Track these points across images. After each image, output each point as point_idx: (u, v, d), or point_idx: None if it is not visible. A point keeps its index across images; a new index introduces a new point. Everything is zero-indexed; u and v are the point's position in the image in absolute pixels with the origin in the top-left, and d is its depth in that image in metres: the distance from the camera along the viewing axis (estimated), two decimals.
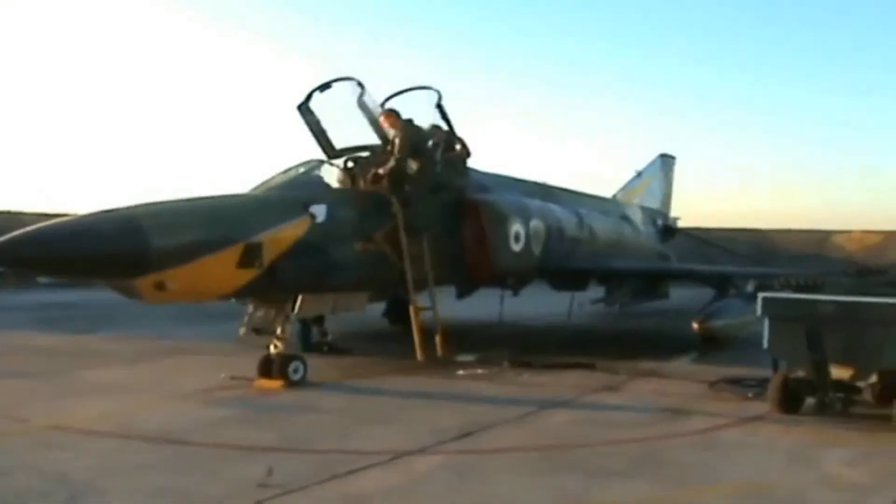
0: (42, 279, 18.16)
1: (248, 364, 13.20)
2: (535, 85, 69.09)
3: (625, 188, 26.82)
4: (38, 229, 10.75)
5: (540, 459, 8.94)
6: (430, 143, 15.31)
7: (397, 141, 14.41)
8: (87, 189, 48.41)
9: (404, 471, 8.39)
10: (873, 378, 10.80)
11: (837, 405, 10.94)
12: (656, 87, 67.47)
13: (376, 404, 11.86)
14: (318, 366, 14.08)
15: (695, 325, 16.10)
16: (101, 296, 12.56)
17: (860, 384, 10.94)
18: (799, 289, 11.83)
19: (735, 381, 12.95)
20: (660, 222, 26.83)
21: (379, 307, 18.89)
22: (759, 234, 38.31)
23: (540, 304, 21.28)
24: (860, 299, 10.85)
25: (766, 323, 11.32)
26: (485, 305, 19.66)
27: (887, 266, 14.16)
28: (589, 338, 19.46)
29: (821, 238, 37.84)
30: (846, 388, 11.00)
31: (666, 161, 28.91)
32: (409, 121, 14.83)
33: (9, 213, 32.23)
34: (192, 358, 15.37)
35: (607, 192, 26.10)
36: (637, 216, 24.60)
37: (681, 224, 31.02)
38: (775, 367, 11.56)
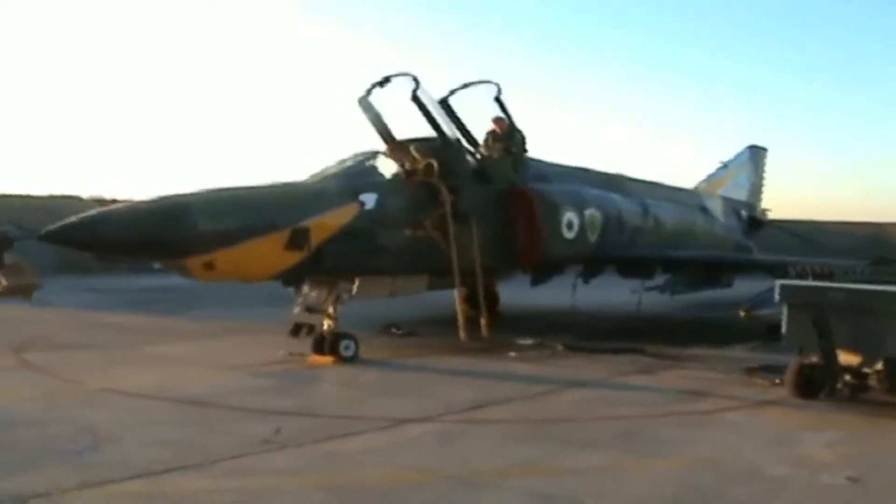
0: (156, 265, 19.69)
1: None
2: (627, 77, 69.16)
3: (709, 179, 27.26)
4: (99, 213, 12.39)
5: (527, 430, 9.96)
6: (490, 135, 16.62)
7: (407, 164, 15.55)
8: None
9: (395, 435, 9.56)
10: (879, 365, 11.35)
11: (845, 391, 11.57)
12: (757, 81, 66.82)
13: (409, 379, 13.07)
14: (378, 345, 15.63)
15: (741, 313, 16.59)
16: (195, 282, 14.32)
17: (867, 370, 11.52)
18: (814, 277, 12.38)
19: (772, 368, 13.36)
20: (744, 214, 27.16)
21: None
22: (876, 228, 37.91)
23: (618, 292, 21.91)
24: (864, 287, 11.47)
25: (784, 310, 12.01)
26: (561, 293, 20.50)
27: None
28: (658, 326, 20.09)
29: None
30: (859, 374, 11.58)
31: (755, 152, 29.06)
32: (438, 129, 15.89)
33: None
34: (258, 336, 16.72)
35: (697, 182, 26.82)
36: (717, 207, 25.01)
37: (792, 216, 31.11)
38: (800, 353, 12.15)
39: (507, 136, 17.16)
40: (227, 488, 7.49)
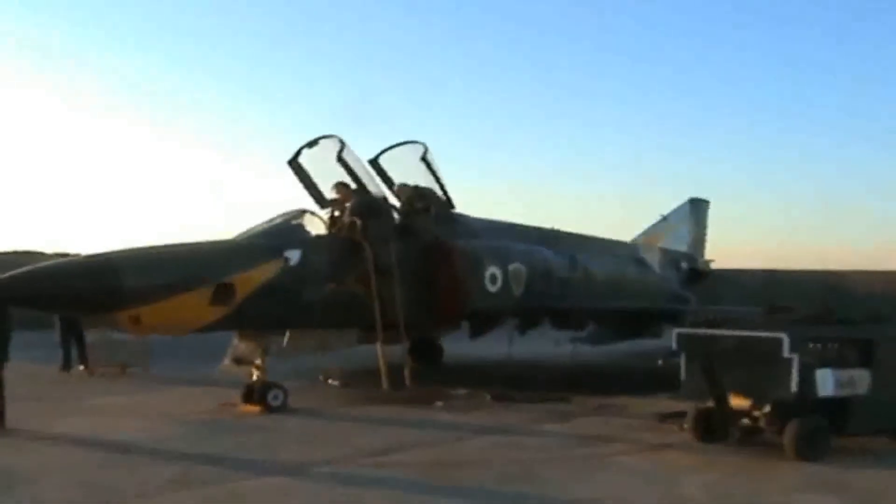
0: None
1: None
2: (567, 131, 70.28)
3: (647, 232, 28.53)
4: (30, 271, 13.30)
5: (411, 473, 10.77)
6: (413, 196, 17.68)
7: (348, 207, 16.67)
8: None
9: (289, 477, 10.45)
10: (767, 408, 12.11)
11: (735, 434, 12.39)
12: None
13: (328, 428, 13.93)
14: (312, 396, 16.57)
15: (659, 362, 17.30)
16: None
17: (756, 414, 12.29)
18: (707, 325, 13.15)
19: (683, 414, 13.66)
20: (684, 265, 28.17)
21: None
22: (835, 276, 38.60)
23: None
24: (750, 333, 12.34)
25: (682, 358, 12.81)
26: (500, 345, 21.13)
27: (795, 304, 15.18)
28: (592, 375, 20.60)
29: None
30: (752, 417, 12.33)
31: (697, 205, 30.22)
32: (363, 188, 17.05)
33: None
34: (200, 388, 17.58)
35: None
36: (655, 259, 26.00)
37: (748, 266, 31.79)
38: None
39: (420, 196, 18.19)
40: None
